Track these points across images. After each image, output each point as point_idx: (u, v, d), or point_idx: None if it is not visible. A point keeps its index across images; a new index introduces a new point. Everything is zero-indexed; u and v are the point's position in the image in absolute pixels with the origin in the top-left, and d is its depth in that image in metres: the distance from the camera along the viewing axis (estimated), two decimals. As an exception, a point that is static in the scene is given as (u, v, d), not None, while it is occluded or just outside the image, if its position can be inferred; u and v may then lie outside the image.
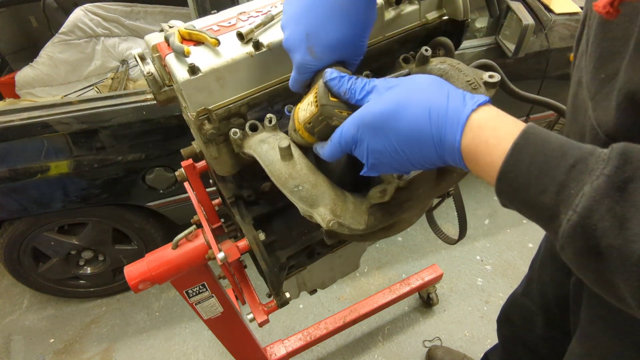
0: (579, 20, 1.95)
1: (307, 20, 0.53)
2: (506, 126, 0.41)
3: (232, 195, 0.77)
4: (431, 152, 0.45)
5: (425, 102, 0.45)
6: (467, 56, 1.79)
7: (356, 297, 2.00)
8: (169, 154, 1.59)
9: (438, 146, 0.44)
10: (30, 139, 1.43)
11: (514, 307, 1.18)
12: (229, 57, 0.60)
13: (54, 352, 1.90)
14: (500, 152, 0.40)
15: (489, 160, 0.41)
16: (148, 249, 1.90)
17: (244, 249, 0.77)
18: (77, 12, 2.31)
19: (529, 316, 1.08)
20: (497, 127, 0.42)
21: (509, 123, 0.42)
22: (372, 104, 0.48)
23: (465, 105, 0.43)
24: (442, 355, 1.69)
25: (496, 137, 0.41)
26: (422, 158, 0.46)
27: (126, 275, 0.82)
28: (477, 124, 0.42)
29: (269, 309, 0.89)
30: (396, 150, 0.46)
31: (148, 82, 0.69)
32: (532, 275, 1.06)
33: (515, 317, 1.16)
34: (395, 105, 0.46)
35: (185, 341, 1.90)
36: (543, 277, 1.00)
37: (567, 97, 0.63)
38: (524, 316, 1.11)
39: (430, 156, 0.46)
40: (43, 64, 2.32)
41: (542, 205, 0.37)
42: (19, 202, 1.54)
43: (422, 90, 0.46)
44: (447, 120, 0.43)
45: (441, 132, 0.43)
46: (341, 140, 0.50)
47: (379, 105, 0.47)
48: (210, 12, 0.73)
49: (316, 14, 0.53)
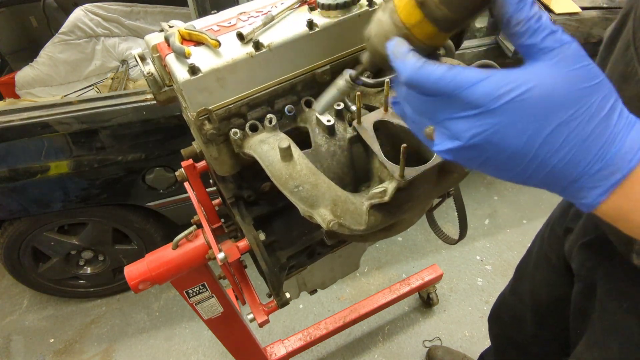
0: (579, 20, 1.95)
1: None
2: None
3: (232, 195, 0.77)
4: (571, 171, 0.34)
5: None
6: (467, 56, 1.79)
7: (356, 297, 2.00)
8: (169, 154, 1.59)
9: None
10: (30, 139, 1.43)
11: (503, 305, 1.19)
12: (229, 58, 0.60)
13: (54, 352, 1.90)
14: None
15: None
16: (148, 249, 1.90)
17: (244, 249, 0.77)
18: (77, 12, 2.31)
19: (518, 315, 1.09)
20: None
21: None
22: (552, 74, 0.32)
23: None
24: (442, 355, 1.69)
25: None
26: (550, 173, 0.35)
27: (126, 275, 0.82)
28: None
29: (269, 309, 0.89)
30: (537, 143, 0.33)
31: (148, 82, 0.69)
32: (522, 275, 1.07)
33: (505, 316, 1.17)
34: (576, 102, 0.32)
35: (185, 341, 1.90)
36: (536, 277, 1.01)
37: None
38: (514, 315, 1.12)
39: (564, 176, 0.35)
40: (43, 64, 2.33)
41: None
42: (19, 202, 1.54)
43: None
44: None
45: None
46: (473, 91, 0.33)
47: (563, 85, 0.32)
48: (210, 12, 0.73)
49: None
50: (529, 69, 0.33)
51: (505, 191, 2.52)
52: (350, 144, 0.71)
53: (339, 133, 0.72)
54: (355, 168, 0.73)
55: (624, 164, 0.33)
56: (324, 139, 0.72)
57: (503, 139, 0.34)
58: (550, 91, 0.32)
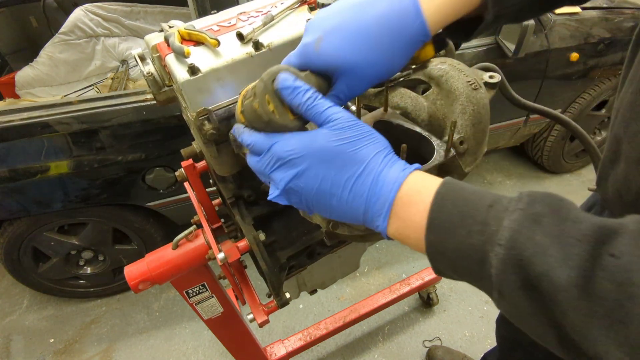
0: (579, 20, 1.95)
1: (344, 19, 0.47)
2: (426, 184, 0.43)
3: (232, 195, 0.77)
4: (357, 211, 0.45)
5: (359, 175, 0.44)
6: (467, 56, 1.79)
7: (356, 297, 2.00)
8: (169, 154, 1.59)
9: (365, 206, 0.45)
10: (30, 139, 1.43)
11: None
12: (229, 58, 0.60)
13: (54, 352, 1.90)
14: (426, 206, 0.41)
15: (417, 218, 0.41)
16: (148, 249, 1.90)
17: (244, 249, 0.77)
18: (77, 12, 2.31)
19: None
20: (420, 189, 0.43)
21: (429, 181, 0.43)
22: (331, 138, 0.44)
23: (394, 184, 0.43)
24: (442, 355, 1.69)
25: (420, 194, 0.42)
26: (345, 212, 0.46)
27: (126, 275, 0.82)
28: (407, 188, 0.43)
29: (269, 309, 0.89)
30: (325, 192, 0.45)
31: (148, 82, 0.69)
32: None
33: None
34: (344, 153, 0.44)
35: (185, 341, 1.90)
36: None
37: (616, 99, 0.59)
38: None
39: (356, 215, 0.45)
40: (43, 64, 2.33)
41: (471, 248, 0.37)
42: (19, 202, 1.54)
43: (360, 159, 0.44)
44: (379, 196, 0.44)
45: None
46: (276, 153, 0.46)
47: (338, 144, 0.44)
48: (210, 12, 0.73)
49: (357, 21, 0.47)
50: (314, 132, 0.45)
51: (505, 191, 2.52)
52: (350, 144, 0.71)
53: (339, 133, 0.72)
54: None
55: (389, 194, 0.43)
56: (324, 139, 0.72)
57: (306, 183, 0.45)
58: (324, 148, 0.44)
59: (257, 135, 0.48)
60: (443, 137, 0.69)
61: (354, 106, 0.70)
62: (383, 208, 0.43)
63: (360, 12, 0.47)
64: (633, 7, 2.11)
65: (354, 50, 0.46)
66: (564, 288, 0.32)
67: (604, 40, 2.00)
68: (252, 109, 0.47)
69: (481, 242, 0.37)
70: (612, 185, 0.57)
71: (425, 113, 0.73)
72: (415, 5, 0.46)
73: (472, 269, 0.38)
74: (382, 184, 0.43)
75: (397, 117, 0.70)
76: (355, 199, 0.44)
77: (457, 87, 0.68)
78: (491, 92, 0.71)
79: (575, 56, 1.96)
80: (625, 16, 2.05)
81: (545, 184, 2.57)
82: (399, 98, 0.76)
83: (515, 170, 2.68)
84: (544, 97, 2.07)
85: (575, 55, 1.95)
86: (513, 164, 2.72)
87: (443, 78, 0.72)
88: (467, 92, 0.67)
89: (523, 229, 0.35)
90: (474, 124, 0.69)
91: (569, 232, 0.33)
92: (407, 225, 0.43)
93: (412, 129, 0.67)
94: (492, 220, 0.37)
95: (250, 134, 0.48)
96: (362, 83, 0.49)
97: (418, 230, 0.41)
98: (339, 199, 0.45)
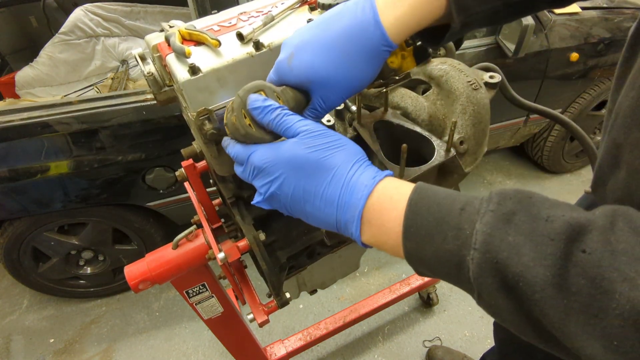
0: (579, 20, 1.96)
1: (313, 35, 0.50)
2: (399, 191, 0.43)
3: (232, 195, 0.77)
4: (330, 217, 0.47)
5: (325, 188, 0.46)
6: (467, 56, 1.79)
7: (356, 297, 2.00)
8: (169, 154, 1.59)
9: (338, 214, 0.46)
10: (30, 139, 1.43)
11: None
12: (229, 58, 0.60)
13: (54, 352, 1.90)
14: (399, 212, 0.42)
15: (391, 225, 0.42)
16: (148, 249, 1.90)
17: (244, 249, 0.77)
18: (77, 12, 2.31)
19: None
20: (393, 195, 0.43)
21: (402, 187, 0.44)
22: (300, 147, 0.46)
23: (362, 191, 0.44)
24: (442, 355, 1.69)
25: (392, 200, 0.43)
26: (319, 219, 0.47)
27: (126, 275, 0.82)
28: (377, 196, 0.44)
29: (269, 309, 0.89)
30: (299, 199, 0.47)
31: (148, 82, 0.69)
32: None
33: None
34: (313, 161, 0.46)
35: (185, 341, 1.90)
36: None
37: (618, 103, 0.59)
38: None
39: (329, 221, 0.47)
40: (43, 64, 2.33)
41: (448, 254, 0.38)
42: (19, 202, 1.54)
43: (329, 166, 0.46)
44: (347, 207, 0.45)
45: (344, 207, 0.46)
46: (253, 163, 0.49)
47: (306, 152, 0.46)
48: (210, 12, 0.73)
49: (323, 36, 0.49)
50: (285, 142, 0.47)
51: (505, 191, 2.52)
52: (350, 144, 0.71)
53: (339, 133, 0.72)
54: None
55: (359, 202, 0.44)
56: (324, 139, 0.72)
57: (281, 190, 0.47)
58: (295, 156, 0.46)
59: (238, 146, 0.51)
60: (443, 137, 0.70)
61: (354, 106, 0.70)
62: (354, 215, 0.44)
63: (326, 28, 0.49)
64: (633, 7, 2.11)
65: (323, 65, 0.48)
66: (540, 287, 0.33)
67: (604, 40, 2.00)
68: (231, 123, 0.50)
69: (457, 247, 0.37)
70: (612, 193, 0.57)
71: (425, 113, 0.73)
72: (375, 17, 0.47)
73: (451, 272, 0.39)
74: (352, 191, 0.44)
75: (397, 117, 0.70)
76: (327, 205, 0.46)
77: (457, 87, 0.68)
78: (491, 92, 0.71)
79: (575, 56, 1.96)
80: (625, 16, 2.05)
81: (545, 184, 2.57)
82: (399, 98, 0.76)
83: (515, 170, 2.68)
84: (544, 97, 2.07)
85: (575, 55, 1.95)
86: (513, 164, 2.72)
87: (443, 78, 0.72)
88: (468, 92, 0.67)
89: (496, 231, 0.35)
90: (474, 124, 0.69)
91: (542, 231, 0.34)
92: (382, 232, 0.44)
93: (413, 129, 0.67)
94: (465, 224, 0.37)
95: (233, 145, 0.52)
96: (336, 95, 0.50)
97: (394, 237, 0.42)
98: (312, 205, 0.47)
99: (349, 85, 0.50)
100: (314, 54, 0.49)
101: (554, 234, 0.33)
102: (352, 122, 0.71)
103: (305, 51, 0.49)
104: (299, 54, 0.49)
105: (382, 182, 0.45)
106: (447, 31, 0.50)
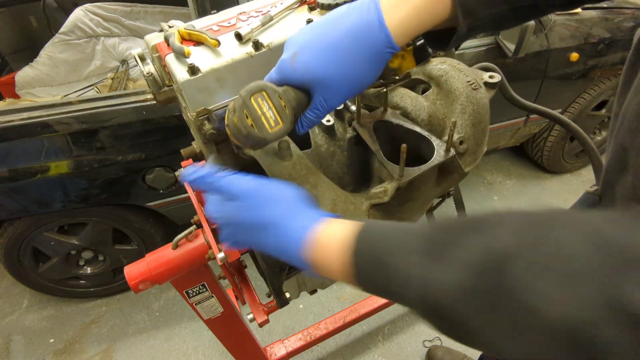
0: (579, 20, 1.96)
1: (317, 34, 0.50)
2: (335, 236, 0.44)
3: (232, 195, 0.77)
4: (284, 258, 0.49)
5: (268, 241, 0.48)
6: (467, 56, 1.79)
7: (356, 297, 2.00)
8: (169, 154, 1.59)
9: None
10: (30, 139, 1.43)
11: None
12: (229, 58, 0.60)
13: (54, 352, 1.90)
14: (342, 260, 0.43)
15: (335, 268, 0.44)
16: (148, 249, 1.90)
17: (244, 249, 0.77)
18: (77, 12, 2.31)
19: None
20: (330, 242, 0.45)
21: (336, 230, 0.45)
22: (238, 211, 0.49)
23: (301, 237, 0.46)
24: (442, 355, 1.69)
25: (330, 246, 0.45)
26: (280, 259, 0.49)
27: (126, 275, 0.82)
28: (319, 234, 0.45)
29: (269, 309, 0.89)
30: (256, 245, 0.50)
31: (148, 82, 0.69)
32: None
33: None
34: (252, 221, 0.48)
35: (185, 341, 1.90)
36: None
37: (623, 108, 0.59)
38: None
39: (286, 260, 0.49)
40: (43, 64, 2.33)
41: (396, 295, 0.40)
42: (19, 202, 1.54)
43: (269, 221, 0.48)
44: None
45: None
46: (207, 211, 0.52)
47: (243, 215, 0.49)
48: (210, 12, 0.73)
49: (327, 36, 0.49)
50: (228, 205, 0.49)
51: (505, 191, 2.53)
52: (350, 144, 0.71)
53: (339, 133, 0.72)
54: (355, 168, 0.73)
55: (298, 252, 0.46)
56: (324, 139, 0.72)
57: (238, 243, 0.51)
58: (236, 219, 0.49)
59: (212, 198, 0.53)
60: (443, 137, 0.70)
61: (353, 106, 0.70)
62: (302, 264, 0.46)
63: (330, 28, 0.49)
64: (633, 7, 2.11)
65: (326, 65, 0.49)
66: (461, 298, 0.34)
67: (604, 40, 2.00)
68: (233, 123, 0.51)
69: (400, 290, 0.39)
70: (621, 196, 0.57)
71: (425, 113, 0.73)
72: (379, 18, 0.47)
73: (403, 304, 0.41)
74: (289, 241, 0.46)
75: (397, 117, 0.70)
76: (277, 254, 0.48)
77: (457, 87, 0.68)
78: (491, 92, 0.71)
79: (575, 56, 1.96)
80: (625, 16, 2.05)
81: (545, 184, 2.57)
82: (399, 98, 0.76)
83: (515, 170, 2.68)
84: (544, 97, 2.07)
85: (575, 55, 1.95)
86: (513, 164, 2.72)
87: (443, 78, 0.72)
88: (467, 92, 0.67)
89: (426, 273, 0.36)
90: (473, 124, 0.69)
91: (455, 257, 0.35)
92: (335, 275, 0.45)
93: (412, 129, 0.67)
94: (402, 270, 0.39)
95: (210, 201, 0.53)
96: (337, 95, 0.51)
97: (347, 278, 0.44)
98: (266, 251, 0.49)
99: (351, 86, 0.50)
100: (318, 54, 0.49)
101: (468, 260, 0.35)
102: (352, 122, 0.71)
103: (309, 51, 0.49)
104: (302, 53, 0.49)
105: (319, 227, 0.46)
106: (452, 34, 0.50)
